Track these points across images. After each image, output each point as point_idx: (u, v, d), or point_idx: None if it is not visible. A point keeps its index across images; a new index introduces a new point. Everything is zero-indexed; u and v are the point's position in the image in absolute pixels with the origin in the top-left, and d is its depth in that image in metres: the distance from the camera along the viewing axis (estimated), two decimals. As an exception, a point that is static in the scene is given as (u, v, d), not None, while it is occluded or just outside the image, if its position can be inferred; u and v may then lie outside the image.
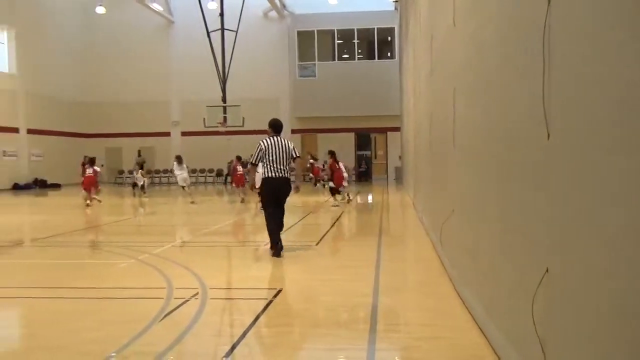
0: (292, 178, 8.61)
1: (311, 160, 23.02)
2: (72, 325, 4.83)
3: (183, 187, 19.29)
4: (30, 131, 29.68)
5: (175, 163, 19.85)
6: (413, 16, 14.81)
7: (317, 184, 19.00)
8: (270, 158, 8.12)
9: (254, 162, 8.39)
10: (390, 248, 9.15)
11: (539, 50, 2.88)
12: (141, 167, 24.04)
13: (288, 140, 8.52)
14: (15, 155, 28.83)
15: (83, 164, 20.57)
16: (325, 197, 19.27)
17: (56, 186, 29.73)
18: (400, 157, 30.98)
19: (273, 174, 8.11)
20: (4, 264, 8.39)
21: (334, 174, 16.84)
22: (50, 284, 6.58)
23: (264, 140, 8.31)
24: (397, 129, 31.33)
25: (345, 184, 17.32)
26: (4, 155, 28.06)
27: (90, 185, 17.54)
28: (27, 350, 4.41)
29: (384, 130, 33.01)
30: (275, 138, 8.34)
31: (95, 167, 18.07)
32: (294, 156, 8.34)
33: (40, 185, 29.37)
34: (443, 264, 6.88)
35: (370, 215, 15.44)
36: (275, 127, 8.55)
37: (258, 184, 9.19)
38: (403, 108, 25.99)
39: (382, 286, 6.09)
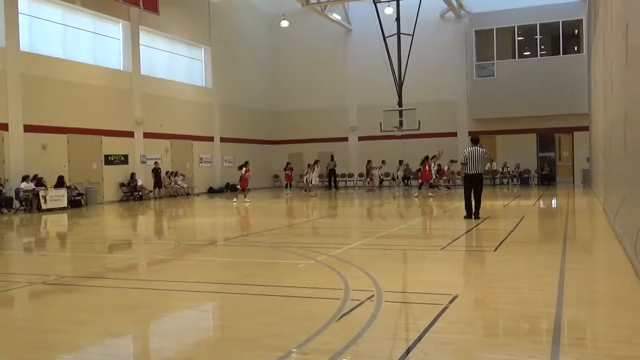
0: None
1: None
2: (257, 320, 5.19)
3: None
4: (222, 139, 32.41)
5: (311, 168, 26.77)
6: (602, 5, 13.65)
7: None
8: (469, 161, 12.89)
9: (462, 162, 13.17)
10: (576, 256, 8.50)
11: None
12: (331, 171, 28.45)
13: (481, 148, 13.14)
14: (210, 162, 31.65)
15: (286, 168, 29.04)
16: (506, 202, 18.78)
17: (245, 190, 31.97)
18: (588, 159, 28.70)
19: (470, 172, 12.97)
20: (200, 261, 9.26)
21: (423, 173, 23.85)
22: (238, 280, 7.14)
23: (467, 149, 13.11)
24: (584, 129, 29.08)
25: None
26: (201, 162, 30.94)
27: (290, 179, 28.65)
28: (221, 341, 4.84)
29: (569, 130, 30.79)
30: (473, 147, 13.02)
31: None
32: (486, 157, 13.31)
33: (231, 189, 31.86)
34: (639, 276, 6.24)
35: (554, 221, 14.53)
36: (473, 140, 13.41)
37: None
38: (591, 106, 24.08)
39: (567, 297, 5.69)
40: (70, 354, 4.54)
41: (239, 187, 23.72)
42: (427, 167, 23.36)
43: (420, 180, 24.39)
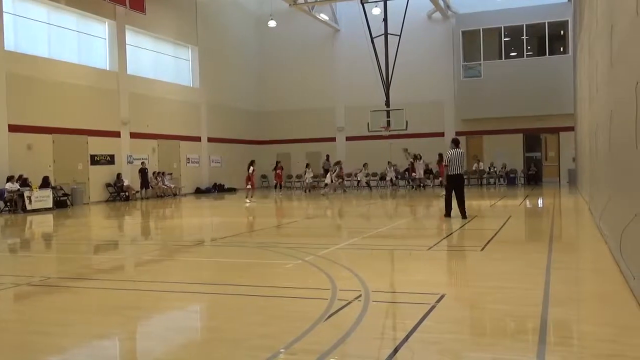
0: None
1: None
2: (245, 320, 5.17)
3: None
4: (210, 139, 32.30)
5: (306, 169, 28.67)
6: (588, 6, 13.77)
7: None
8: (451, 163, 13.46)
9: (445, 164, 13.91)
10: (562, 255, 8.57)
11: None
12: (326, 171, 28.20)
13: (461, 151, 13.69)
14: (197, 162, 31.53)
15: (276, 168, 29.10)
16: (493, 202, 18.84)
17: (232, 190, 31.98)
18: (574, 159, 28.94)
19: (452, 172, 13.51)
20: (187, 262, 9.22)
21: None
22: (226, 281, 7.11)
23: (449, 151, 13.61)
24: (570, 129, 29.31)
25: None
26: (188, 162, 30.82)
27: (280, 179, 28.97)
28: (208, 341, 4.81)
29: (555, 131, 31.04)
30: (455, 150, 13.54)
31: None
32: (464, 158, 13.84)
33: (218, 189, 31.79)
34: (624, 275, 6.30)
35: (540, 220, 14.62)
36: (454, 142, 13.88)
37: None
38: (577, 106, 24.28)
39: (553, 296, 5.73)
40: (56, 355, 4.50)
41: (250, 186, 23.25)
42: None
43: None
